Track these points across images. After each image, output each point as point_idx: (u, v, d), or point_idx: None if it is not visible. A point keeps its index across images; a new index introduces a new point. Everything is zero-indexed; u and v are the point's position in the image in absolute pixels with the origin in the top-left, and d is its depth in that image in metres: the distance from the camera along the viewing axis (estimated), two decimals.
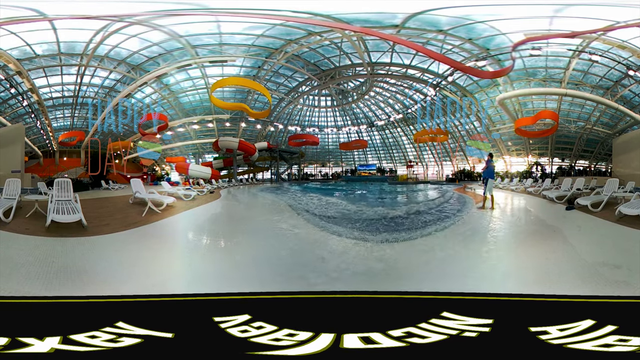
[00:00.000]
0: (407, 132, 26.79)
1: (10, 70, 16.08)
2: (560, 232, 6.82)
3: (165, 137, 21.55)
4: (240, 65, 18.87)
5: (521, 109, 19.58)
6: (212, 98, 18.98)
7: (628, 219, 7.04)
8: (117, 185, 18.56)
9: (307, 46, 18.24)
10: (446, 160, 25.61)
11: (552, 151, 20.97)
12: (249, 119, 22.76)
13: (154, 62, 17.86)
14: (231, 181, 22.73)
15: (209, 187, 17.53)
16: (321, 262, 5.31)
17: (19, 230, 6.37)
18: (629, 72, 16.04)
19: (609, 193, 9.20)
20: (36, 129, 19.58)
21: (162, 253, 5.81)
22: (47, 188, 11.84)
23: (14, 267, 4.61)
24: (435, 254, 5.78)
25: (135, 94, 19.01)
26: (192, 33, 16.01)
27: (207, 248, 6.39)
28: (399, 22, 14.56)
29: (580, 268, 4.71)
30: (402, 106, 24.69)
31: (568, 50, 16.23)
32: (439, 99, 20.25)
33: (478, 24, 14.63)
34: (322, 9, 12.97)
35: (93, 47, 16.27)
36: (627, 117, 17.58)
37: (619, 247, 5.76)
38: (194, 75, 19.37)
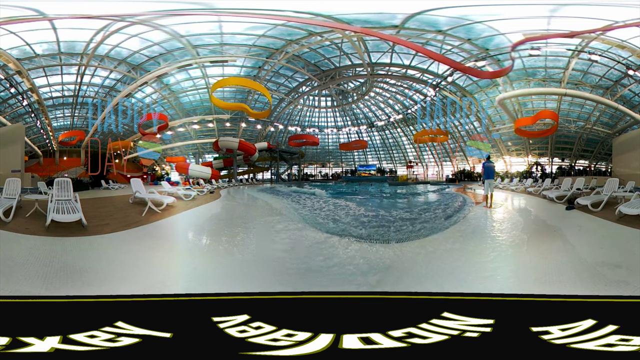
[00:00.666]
0: (407, 133, 26.78)
1: (10, 69, 16.07)
2: (560, 232, 6.82)
3: (165, 137, 21.54)
4: (240, 66, 18.87)
5: (521, 109, 19.58)
6: (213, 98, 18.97)
7: (628, 219, 7.03)
8: (117, 185, 18.55)
9: (307, 46, 18.24)
10: (446, 160, 25.61)
11: (552, 151, 20.97)
12: (249, 119, 22.76)
13: (154, 61, 17.86)
14: (231, 181, 22.73)
15: (209, 187, 17.53)
16: (321, 262, 5.30)
17: (19, 230, 6.36)
18: (628, 71, 16.03)
19: (609, 193, 9.20)
20: (36, 128, 19.57)
21: (161, 253, 5.81)
22: (47, 188, 11.84)
23: (14, 267, 4.61)
24: (435, 254, 5.78)
25: (135, 93, 19.01)
26: (193, 33, 16.01)
27: (206, 248, 6.39)
28: (399, 23, 14.56)
29: (581, 268, 4.71)
30: (402, 106, 24.69)
31: (567, 50, 16.23)
32: (438, 99, 20.25)
33: (477, 24, 14.63)
34: (323, 10, 12.97)
35: (93, 46, 16.27)
36: (627, 116, 17.58)
37: (619, 247, 5.76)
38: (194, 75, 19.38)
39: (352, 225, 7.87)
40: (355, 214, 9.59)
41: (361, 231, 7.17)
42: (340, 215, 9.26)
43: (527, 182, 17.84)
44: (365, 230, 7.29)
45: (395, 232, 7.11)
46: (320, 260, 5.36)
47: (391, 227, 7.61)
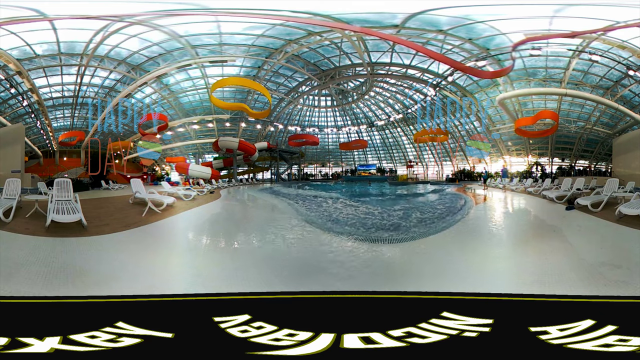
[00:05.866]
0: (407, 132, 26.79)
1: (10, 70, 16.08)
2: (560, 232, 6.82)
3: (165, 137, 21.55)
4: (240, 65, 18.87)
5: (521, 109, 19.58)
6: (212, 98, 18.98)
7: (628, 219, 7.04)
8: (117, 185, 18.56)
9: (307, 46, 18.23)
10: (446, 160, 25.62)
11: (552, 151, 20.97)
12: (249, 119, 22.76)
13: (154, 62, 17.86)
14: (231, 181, 22.74)
15: (209, 187, 17.53)
16: (321, 261, 5.31)
17: (19, 230, 6.37)
18: (628, 72, 16.03)
19: (609, 193, 9.20)
20: (36, 129, 19.58)
21: (162, 253, 5.81)
22: (47, 188, 11.84)
23: (14, 267, 4.61)
24: (435, 254, 5.78)
25: (135, 94, 19.01)
26: (192, 33, 16.01)
27: (207, 248, 6.39)
28: (399, 22, 14.55)
29: (580, 268, 4.71)
30: (402, 106, 24.69)
31: (568, 50, 16.23)
32: (439, 99, 20.26)
33: (478, 24, 14.63)
34: (322, 9, 12.96)
35: (93, 47, 16.27)
36: (627, 117, 17.58)
37: (619, 247, 5.76)
38: (194, 75, 19.38)
39: (352, 225, 7.88)
40: (356, 214, 9.59)
41: (361, 231, 7.17)
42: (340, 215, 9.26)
43: (527, 182, 17.85)
44: (366, 230, 7.29)
45: (396, 232, 7.12)
46: (320, 260, 5.37)
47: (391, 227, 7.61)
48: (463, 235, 7.06)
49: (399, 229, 7.37)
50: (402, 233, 7.03)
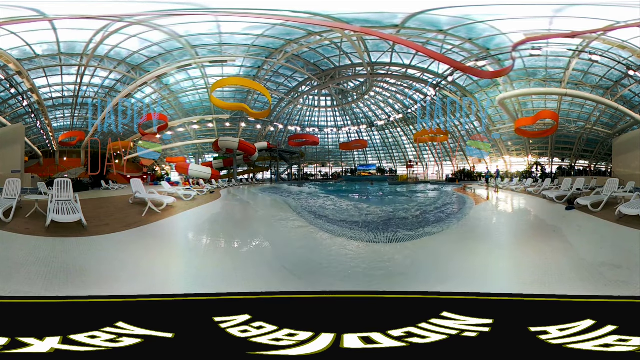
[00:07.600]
0: (407, 132, 26.78)
1: (10, 70, 16.08)
2: (560, 232, 6.82)
3: (165, 137, 21.54)
4: (240, 65, 18.86)
5: (521, 109, 19.58)
6: (212, 98, 18.97)
7: (628, 219, 7.03)
8: (117, 185, 18.56)
9: (307, 46, 18.23)
10: (446, 160, 25.61)
11: (552, 151, 20.97)
12: (249, 119, 22.75)
13: (154, 62, 17.85)
14: (231, 181, 22.73)
15: (209, 187, 17.53)
16: (321, 261, 5.31)
17: (19, 230, 6.37)
18: (629, 72, 16.03)
19: (609, 193, 9.19)
20: (36, 129, 19.57)
21: (162, 253, 5.81)
22: (47, 188, 11.84)
23: (14, 267, 4.61)
24: (435, 254, 5.78)
25: (135, 94, 19.01)
26: (192, 33, 16.00)
27: (207, 248, 6.39)
28: (399, 22, 14.55)
29: (580, 268, 4.71)
30: (402, 106, 24.68)
31: (568, 50, 16.23)
32: (439, 99, 20.25)
33: (478, 24, 14.63)
34: (322, 9, 12.96)
35: (93, 47, 16.27)
36: (627, 117, 17.58)
37: (619, 247, 5.76)
38: (194, 75, 19.37)
39: (353, 225, 7.88)
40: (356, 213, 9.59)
41: (361, 231, 7.17)
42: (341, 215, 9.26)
43: (527, 182, 17.84)
44: (366, 229, 7.29)
45: (396, 232, 7.11)
46: (320, 260, 5.37)
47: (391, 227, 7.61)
48: (463, 235, 7.06)
49: (399, 229, 7.37)
50: (403, 232, 7.03)
